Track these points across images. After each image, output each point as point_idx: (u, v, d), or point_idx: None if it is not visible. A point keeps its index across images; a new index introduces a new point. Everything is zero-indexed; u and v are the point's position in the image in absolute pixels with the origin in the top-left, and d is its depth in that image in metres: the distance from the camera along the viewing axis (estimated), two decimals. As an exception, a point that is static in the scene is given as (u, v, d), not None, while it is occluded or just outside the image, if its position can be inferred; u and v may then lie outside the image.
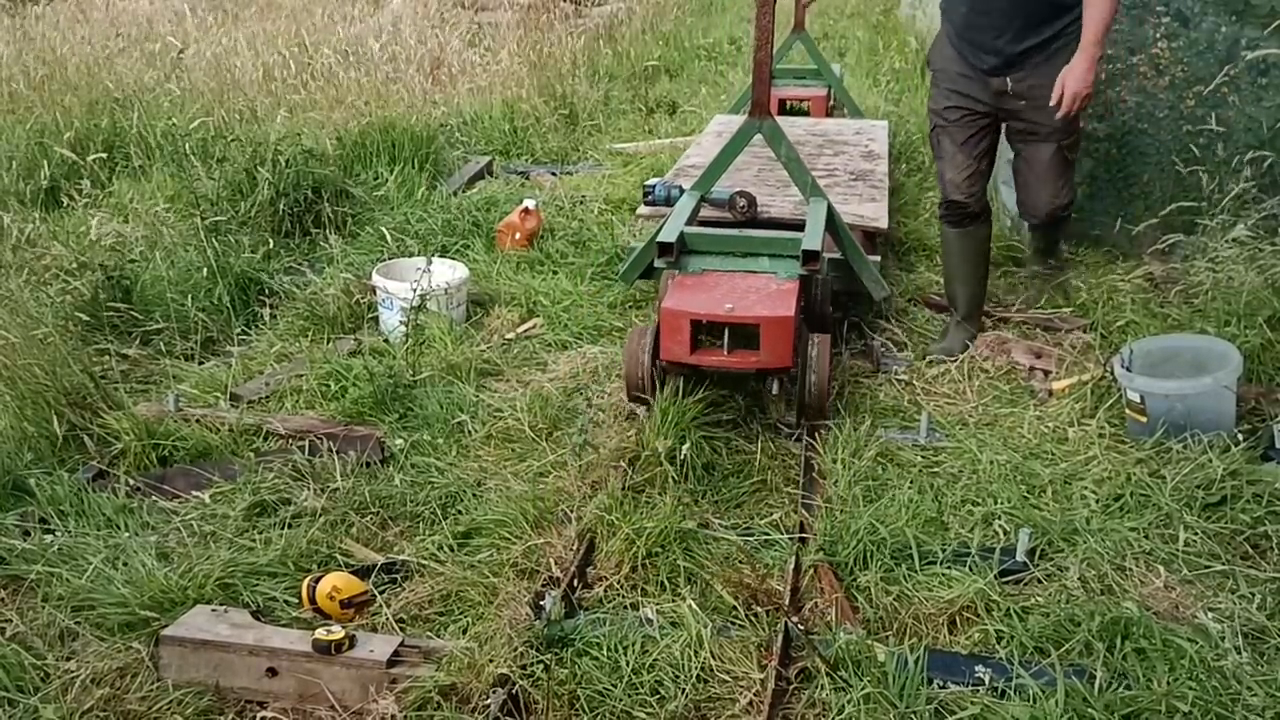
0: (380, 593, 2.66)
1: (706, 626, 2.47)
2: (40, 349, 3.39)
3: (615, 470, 3.12)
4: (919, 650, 2.38)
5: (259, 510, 3.02)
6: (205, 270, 4.30)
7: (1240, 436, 3.11)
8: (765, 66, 3.56)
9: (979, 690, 2.29)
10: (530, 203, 5.19)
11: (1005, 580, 2.66)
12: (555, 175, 6.40)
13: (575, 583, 2.68)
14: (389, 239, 4.78)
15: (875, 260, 3.94)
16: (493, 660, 2.34)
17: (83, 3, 8.86)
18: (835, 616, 2.58)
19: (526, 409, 3.51)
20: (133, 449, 3.27)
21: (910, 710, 2.23)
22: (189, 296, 4.18)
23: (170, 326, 4.11)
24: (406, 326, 3.92)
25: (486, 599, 2.63)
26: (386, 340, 4.09)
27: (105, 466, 3.22)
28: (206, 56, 7.26)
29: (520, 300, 4.48)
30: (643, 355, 3.40)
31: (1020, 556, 2.72)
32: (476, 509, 3.01)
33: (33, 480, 3.07)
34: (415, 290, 3.91)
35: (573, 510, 2.97)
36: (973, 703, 2.25)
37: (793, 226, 3.76)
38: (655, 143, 7.06)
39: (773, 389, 3.41)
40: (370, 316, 4.30)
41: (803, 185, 3.85)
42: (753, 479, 3.21)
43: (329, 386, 3.72)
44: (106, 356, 3.88)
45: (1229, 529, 2.84)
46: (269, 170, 5.06)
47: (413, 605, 2.66)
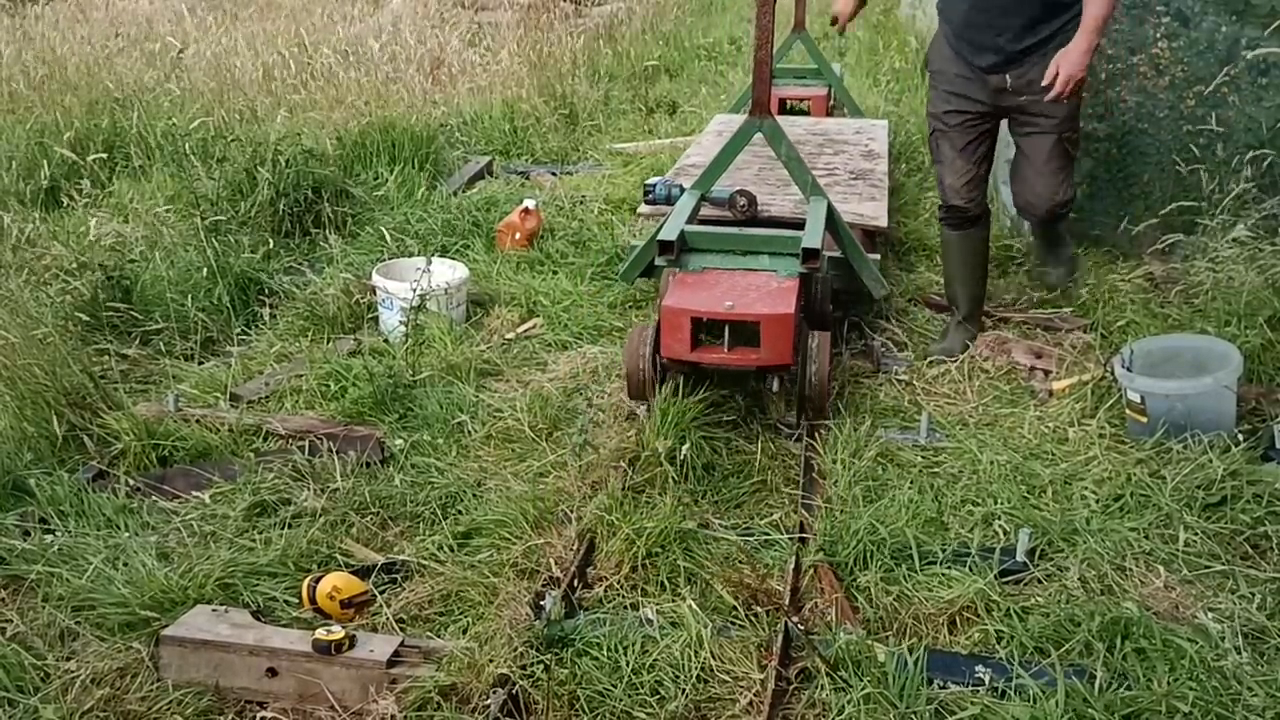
0: (380, 593, 2.66)
1: (706, 626, 2.47)
2: (40, 349, 3.39)
3: (615, 470, 3.12)
4: (919, 650, 2.38)
5: (259, 510, 3.02)
6: (205, 270, 4.30)
7: (1240, 436, 3.11)
8: (765, 66, 3.57)
9: (979, 690, 2.29)
10: (530, 203, 5.19)
11: (1005, 580, 2.66)
12: (555, 175, 6.40)
13: (575, 583, 2.68)
14: (389, 239, 4.78)
15: (875, 258, 3.95)
16: (493, 660, 2.34)
17: (83, 3, 8.86)
18: (835, 616, 2.58)
19: (526, 409, 3.51)
20: (133, 449, 3.27)
21: (910, 710, 2.23)
22: (189, 296, 4.18)
23: (170, 326, 4.11)
24: (406, 326, 3.91)
25: (486, 599, 2.63)
26: (386, 340, 4.09)
27: (105, 466, 3.22)
28: (206, 56, 7.26)
29: (520, 300, 4.48)
30: (644, 352, 3.40)
31: (1020, 556, 2.72)
32: (476, 509, 3.01)
33: (33, 480, 3.07)
34: (415, 290, 3.91)
35: (573, 510, 2.96)
36: (973, 703, 2.25)
37: (793, 225, 3.76)
38: (655, 143, 7.06)
39: (773, 387, 3.41)
40: (370, 316, 4.30)
41: (803, 184, 3.86)
42: (753, 479, 3.21)
43: (329, 386, 3.72)
44: (106, 356, 3.88)
45: (1229, 529, 2.84)
46: (269, 170, 5.06)
47: (413, 605, 2.66)
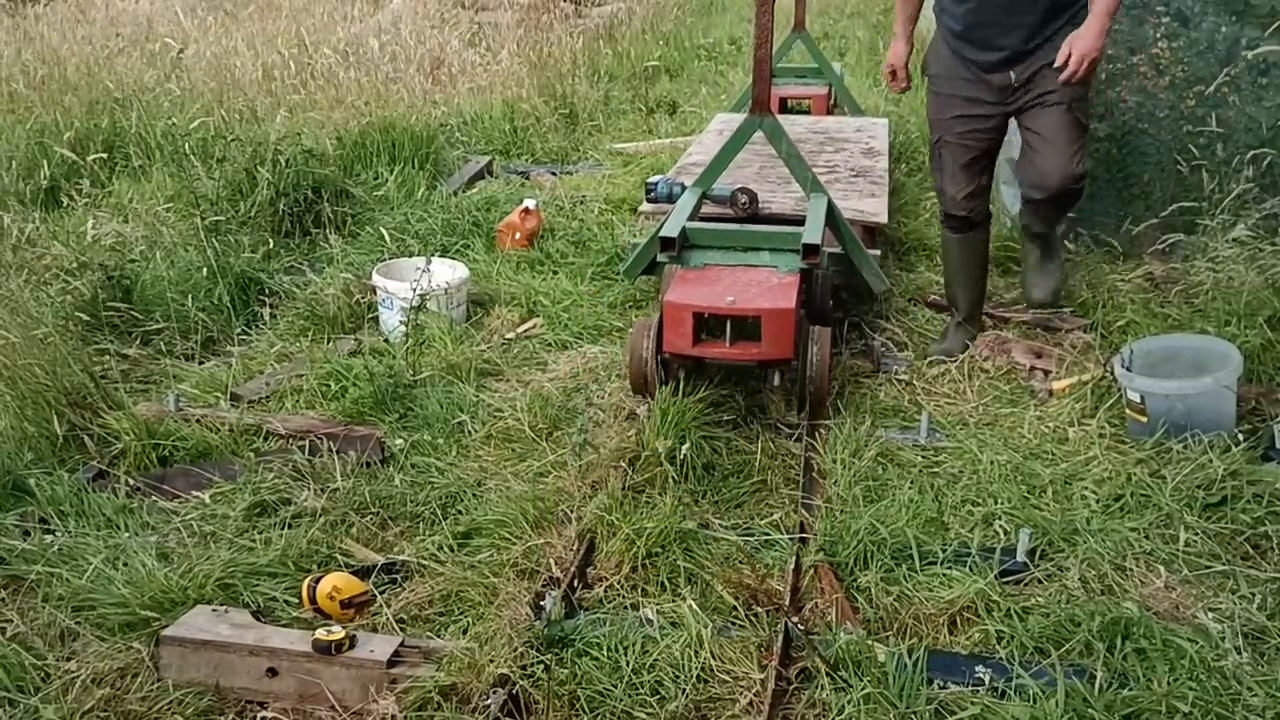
0: (380, 593, 2.66)
1: (706, 627, 2.47)
2: (40, 349, 3.39)
3: (615, 470, 3.11)
4: (919, 650, 2.37)
5: (259, 510, 3.02)
6: (205, 270, 4.30)
7: (1240, 436, 3.11)
8: (766, 64, 3.58)
9: (979, 690, 2.29)
10: (530, 203, 5.19)
11: (1005, 580, 2.66)
12: (555, 175, 6.40)
13: (575, 583, 2.68)
14: (389, 239, 4.77)
15: (875, 255, 3.96)
16: (493, 660, 2.34)
17: (83, 3, 8.85)
18: (835, 616, 2.58)
19: (526, 409, 3.51)
20: (133, 449, 3.27)
21: (910, 710, 2.23)
22: (189, 296, 4.18)
23: (170, 326, 4.11)
24: (406, 326, 3.91)
25: (486, 599, 2.63)
26: (386, 340, 4.09)
27: (105, 466, 3.22)
28: (206, 56, 7.26)
29: (520, 300, 4.48)
30: (647, 344, 3.41)
31: (1020, 557, 2.72)
32: (476, 509, 3.01)
33: (33, 480, 3.07)
34: (415, 290, 3.91)
35: (573, 510, 2.96)
36: (973, 703, 2.25)
37: (794, 222, 3.77)
38: (655, 143, 7.06)
39: (774, 381, 3.44)
40: (370, 316, 4.30)
41: (803, 181, 3.87)
42: (753, 479, 3.21)
43: (329, 386, 3.72)
44: (106, 356, 3.88)
45: (1229, 529, 2.84)
46: (269, 170, 5.06)
47: (413, 605, 2.66)
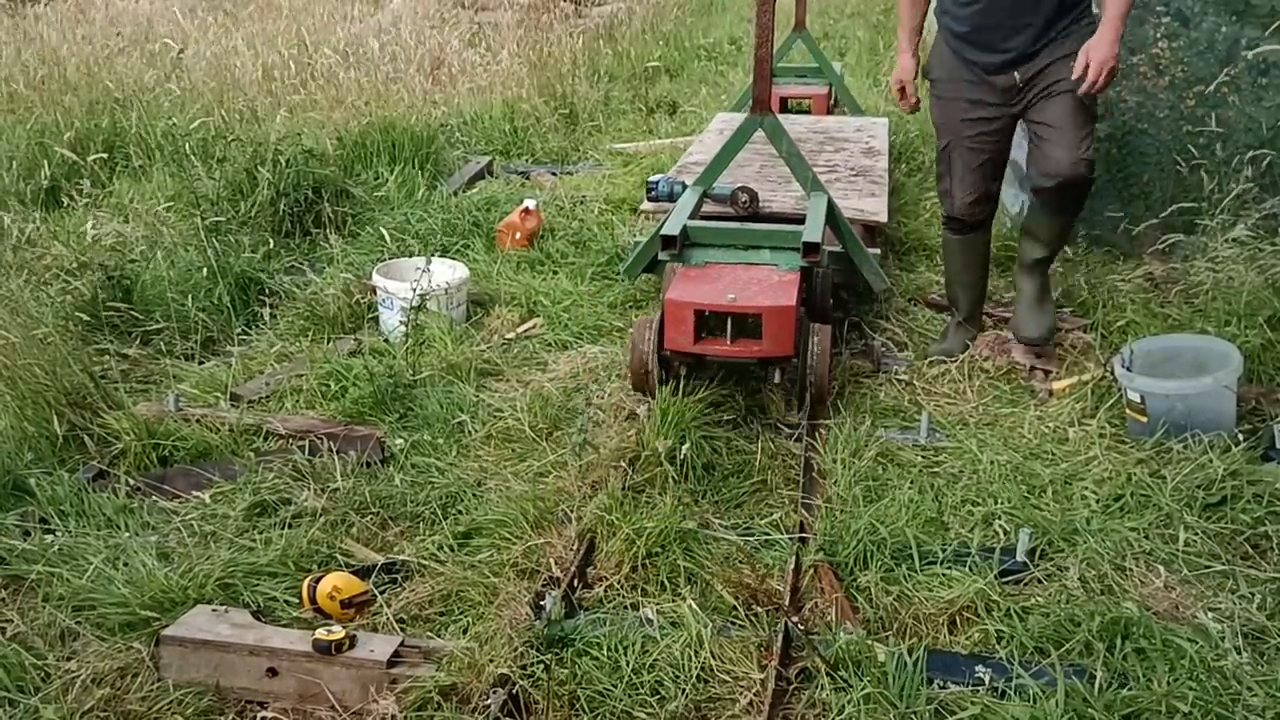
0: (380, 593, 2.65)
1: (706, 626, 2.47)
2: (40, 349, 3.39)
3: (615, 470, 3.11)
4: (919, 650, 2.37)
5: (259, 510, 3.02)
6: (205, 270, 4.30)
7: (1240, 436, 3.11)
8: (766, 63, 3.59)
9: (979, 690, 2.29)
10: (530, 203, 5.19)
11: (1005, 580, 2.66)
12: (555, 175, 6.40)
13: (575, 583, 2.68)
14: (389, 239, 4.77)
15: (875, 253, 3.97)
16: (493, 660, 2.34)
17: (83, 3, 8.85)
18: (835, 616, 2.58)
19: (526, 409, 3.51)
20: (133, 449, 3.27)
21: (910, 710, 2.23)
22: (189, 296, 4.18)
23: (170, 326, 4.11)
24: (406, 326, 3.91)
25: (486, 599, 2.62)
26: (386, 340, 4.09)
27: (105, 466, 3.22)
28: (206, 57, 7.26)
29: (520, 300, 4.48)
30: (648, 344, 3.43)
31: (1020, 556, 2.72)
32: (476, 509, 3.01)
33: (33, 480, 3.06)
34: (415, 290, 3.91)
35: (573, 510, 2.96)
36: (973, 703, 2.25)
37: (794, 221, 3.78)
38: (655, 143, 7.06)
39: (774, 378, 3.45)
40: (370, 316, 4.30)
41: (804, 180, 3.89)
42: (753, 479, 3.21)
43: (329, 386, 3.72)
44: (106, 356, 3.88)
45: (1229, 529, 2.84)
46: (269, 170, 5.06)
47: (413, 605, 2.66)
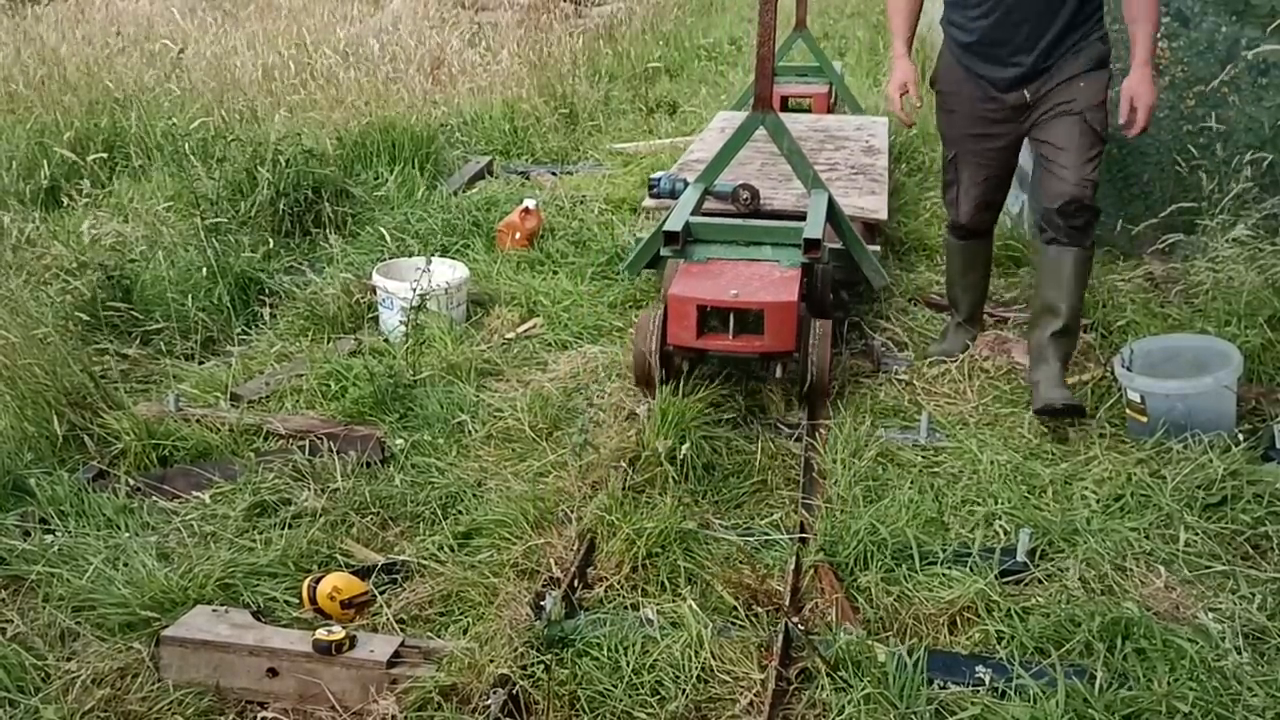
0: (380, 593, 2.65)
1: (707, 627, 2.47)
2: (40, 349, 3.39)
3: (615, 470, 3.11)
4: (919, 650, 2.37)
5: (259, 510, 3.01)
6: (205, 270, 4.30)
7: (1240, 436, 3.11)
8: (768, 62, 3.60)
9: (979, 690, 2.29)
10: (530, 202, 5.19)
11: (1005, 580, 2.66)
12: (555, 175, 6.40)
13: (575, 583, 2.68)
14: (389, 239, 4.77)
15: (875, 250, 3.98)
16: (493, 660, 2.34)
17: (83, 3, 8.85)
18: (835, 617, 2.58)
19: (526, 409, 3.51)
20: (133, 449, 3.27)
21: (910, 710, 2.23)
22: (189, 296, 4.18)
23: (170, 326, 4.10)
24: (406, 326, 3.91)
25: (487, 599, 2.62)
26: (386, 340, 4.09)
27: (105, 466, 3.22)
28: (206, 57, 7.26)
29: (520, 300, 4.48)
30: (651, 339, 3.44)
31: (1020, 556, 2.72)
32: (477, 509, 3.01)
33: (33, 480, 3.06)
34: (415, 290, 3.91)
35: (573, 510, 2.96)
36: (973, 703, 2.25)
37: (795, 218, 3.80)
38: (655, 143, 7.06)
39: (776, 373, 3.47)
40: (370, 316, 4.30)
41: (804, 177, 3.90)
42: (753, 479, 3.21)
43: (329, 386, 3.72)
44: (106, 356, 3.88)
45: (1229, 529, 2.84)
46: (269, 170, 5.06)
47: (413, 605, 2.66)
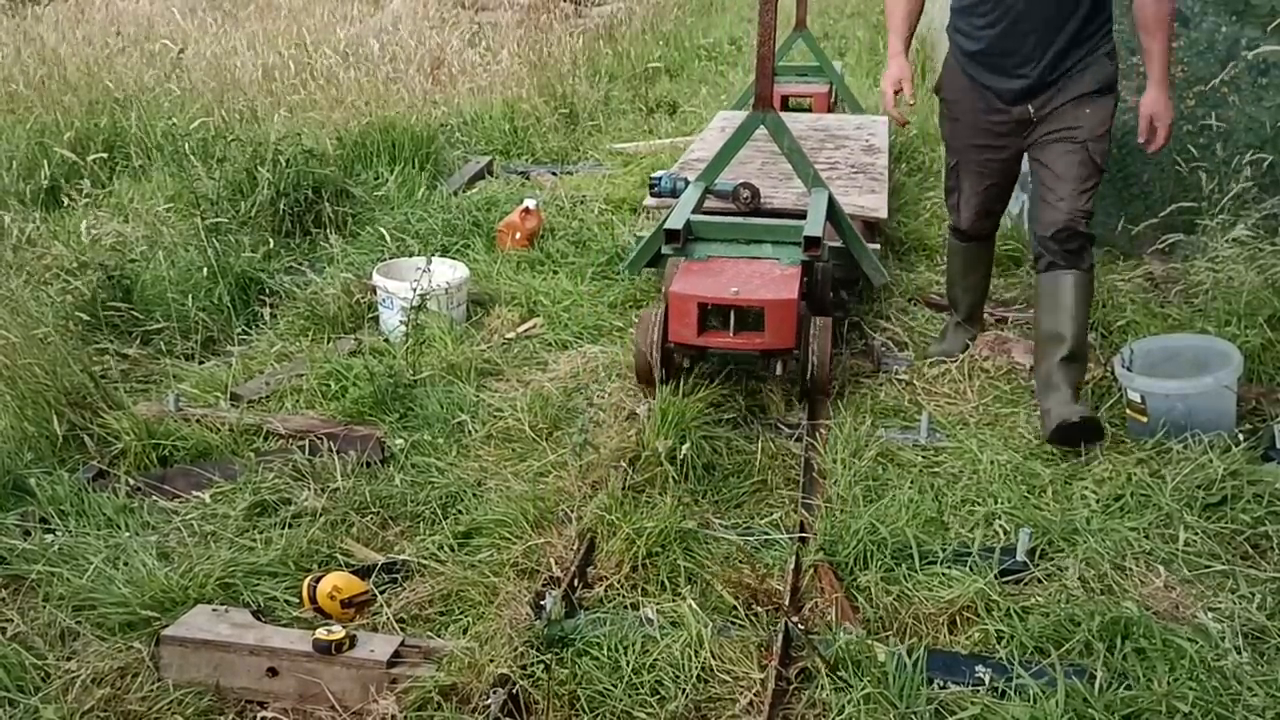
0: (381, 592, 2.66)
1: (707, 626, 2.47)
2: (40, 349, 3.39)
3: (615, 470, 3.11)
4: (919, 650, 2.37)
5: (259, 510, 3.02)
6: (205, 270, 4.30)
7: (1240, 436, 3.11)
8: (768, 61, 3.61)
9: (979, 690, 2.29)
10: (530, 202, 5.19)
11: (1005, 580, 2.66)
12: (555, 175, 6.40)
13: (575, 583, 2.68)
14: (389, 239, 4.78)
15: (875, 248, 3.98)
16: (493, 660, 2.34)
17: (83, 3, 8.86)
18: (835, 616, 2.58)
19: (527, 409, 3.51)
20: (133, 449, 3.27)
21: (910, 710, 2.23)
22: (189, 296, 4.18)
23: (170, 326, 4.11)
24: (406, 326, 3.91)
25: (487, 599, 2.63)
26: (387, 340, 4.09)
27: (105, 466, 3.22)
28: (206, 57, 7.26)
29: (520, 300, 4.48)
30: (652, 336, 3.45)
31: (1020, 556, 2.72)
32: (477, 509, 3.01)
33: (33, 480, 3.06)
34: (415, 290, 3.91)
35: (573, 510, 2.96)
36: (973, 703, 2.25)
37: (795, 216, 3.81)
38: (655, 143, 7.07)
39: (776, 370, 3.48)
40: (370, 316, 4.30)
41: (805, 176, 3.91)
42: (753, 479, 3.21)
43: (329, 386, 3.72)
44: (106, 356, 3.88)
45: (1229, 529, 2.84)
46: (269, 170, 5.06)
47: (413, 605, 2.66)
